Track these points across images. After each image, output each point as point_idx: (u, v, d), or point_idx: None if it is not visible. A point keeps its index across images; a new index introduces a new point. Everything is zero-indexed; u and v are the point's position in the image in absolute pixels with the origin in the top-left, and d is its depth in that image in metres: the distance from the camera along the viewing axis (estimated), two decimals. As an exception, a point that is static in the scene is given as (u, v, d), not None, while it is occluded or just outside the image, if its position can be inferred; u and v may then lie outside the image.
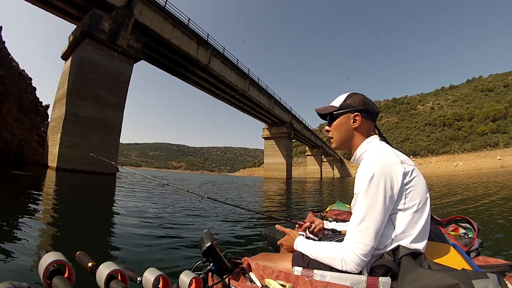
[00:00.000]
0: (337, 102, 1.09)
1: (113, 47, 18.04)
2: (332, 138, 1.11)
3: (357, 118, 1.03)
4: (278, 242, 1.22)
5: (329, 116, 1.11)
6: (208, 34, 24.64)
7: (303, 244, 1.06)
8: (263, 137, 49.17)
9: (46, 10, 19.56)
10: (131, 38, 18.69)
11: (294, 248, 1.09)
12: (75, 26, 19.66)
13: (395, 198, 0.87)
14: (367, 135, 1.05)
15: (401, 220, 0.89)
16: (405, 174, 0.88)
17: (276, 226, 1.31)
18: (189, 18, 22.76)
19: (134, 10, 18.50)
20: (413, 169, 0.90)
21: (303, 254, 1.05)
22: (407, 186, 0.88)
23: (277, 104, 39.91)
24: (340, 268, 0.88)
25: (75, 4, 18.13)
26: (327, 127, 1.13)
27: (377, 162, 0.89)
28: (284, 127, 43.99)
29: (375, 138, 1.05)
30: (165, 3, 20.56)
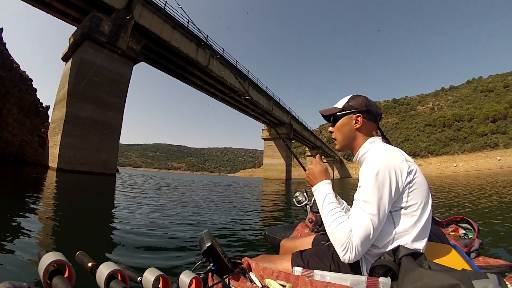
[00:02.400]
0: (340, 104, 1.11)
1: (113, 49, 18.08)
2: (335, 139, 1.12)
3: (359, 119, 1.05)
4: (309, 166, 1.11)
5: (332, 117, 1.12)
6: (207, 35, 24.72)
7: (323, 194, 1.01)
8: (262, 138, 49.17)
9: (47, 12, 19.63)
10: (131, 40, 18.75)
11: (315, 185, 1.06)
12: (75, 28, 19.73)
13: (400, 192, 0.88)
14: (369, 136, 1.06)
15: (402, 218, 0.89)
16: (409, 172, 0.89)
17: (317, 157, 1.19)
18: (188, 20, 22.73)
19: (134, 12, 18.55)
20: (416, 168, 0.92)
21: (302, 254, 1.05)
22: (410, 184, 0.89)
23: (276, 105, 39.95)
24: (338, 247, 0.86)
25: (75, 6, 18.21)
26: (330, 128, 1.14)
27: (383, 158, 0.90)
28: (284, 128, 43.99)
29: (377, 138, 1.06)
30: (165, 5, 20.62)
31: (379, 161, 0.89)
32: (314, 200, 1.07)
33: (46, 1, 18.04)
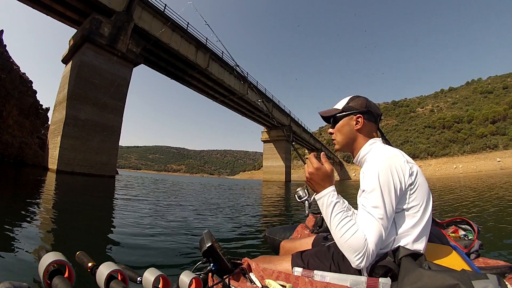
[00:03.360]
0: (340, 104, 1.11)
1: (113, 52, 18.16)
2: (335, 140, 1.11)
3: (359, 120, 1.05)
4: (309, 170, 0.96)
5: (332, 118, 1.12)
6: (207, 38, 24.77)
7: (331, 204, 0.91)
8: (262, 140, 49.17)
9: (47, 15, 19.73)
10: (130, 43, 18.83)
11: (318, 193, 0.95)
12: (75, 30, 19.80)
13: (402, 194, 0.88)
14: (369, 137, 1.06)
15: (404, 219, 0.89)
16: (411, 174, 0.89)
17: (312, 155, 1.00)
18: (188, 23, 22.91)
19: (134, 15, 18.67)
20: (417, 170, 0.92)
21: (302, 255, 1.05)
22: (412, 186, 0.89)
23: (276, 107, 39.94)
24: (353, 256, 0.83)
25: (75, 8, 18.31)
26: (330, 130, 1.14)
27: (385, 160, 0.90)
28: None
29: (378, 140, 1.06)
30: (164, 7, 20.72)
31: (381, 164, 0.89)
32: (314, 197, 1.04)
33: (47, 3, 18.16)
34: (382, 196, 0.85)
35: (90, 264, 0.66)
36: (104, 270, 0.60)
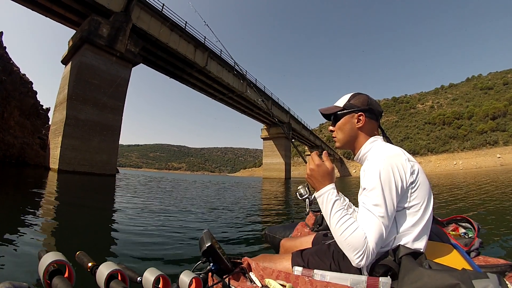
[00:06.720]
0: (341, 102, 1.09)
1: (112, 52, 18.18)
2: (336, 138, 1.10)
3: (361, 118, 1.03)
4: (310, 166, 0.98)
5: (333, 116, 1.10)
6: (205, 37, 24.69)
7: (330, 202, 0.91)
8: (261, 138, 49.16)
9: (46, 16, 19.71)
10: (129, 43, 18.84)
11: (318, 190, 0.96)
12: (74, 31, 19.79)
13: (404, 192, 0.88)
14: (370, 135, 1.05)
15: (405, 218, 0.89)
16: (412, 172, 0.88)
17: (315, 153, 1.02)
18: (186, 22, 22.85)
19: (132, 15, 18.65)
20: (419, 168, 0.91)
21: (302, 253, 1.04)
22: (413, 184, 0.88)
23: (275, 104, 39.80)
24: (353, 254, 0.82)
25: (74, 10, 18.30)
26: (331, 127, 1.12)
27: (386, 159, 0.89)
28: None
29: (379, 138, 1.05)
30: (162, 7, 20.69)
31: (382, 162, 0.88)
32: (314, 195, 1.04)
33: (46, 5, 18.18)
34: (383, 194, 0.85)
35: (90, 264, 0.66)
36: (104, 270, 0.60)
